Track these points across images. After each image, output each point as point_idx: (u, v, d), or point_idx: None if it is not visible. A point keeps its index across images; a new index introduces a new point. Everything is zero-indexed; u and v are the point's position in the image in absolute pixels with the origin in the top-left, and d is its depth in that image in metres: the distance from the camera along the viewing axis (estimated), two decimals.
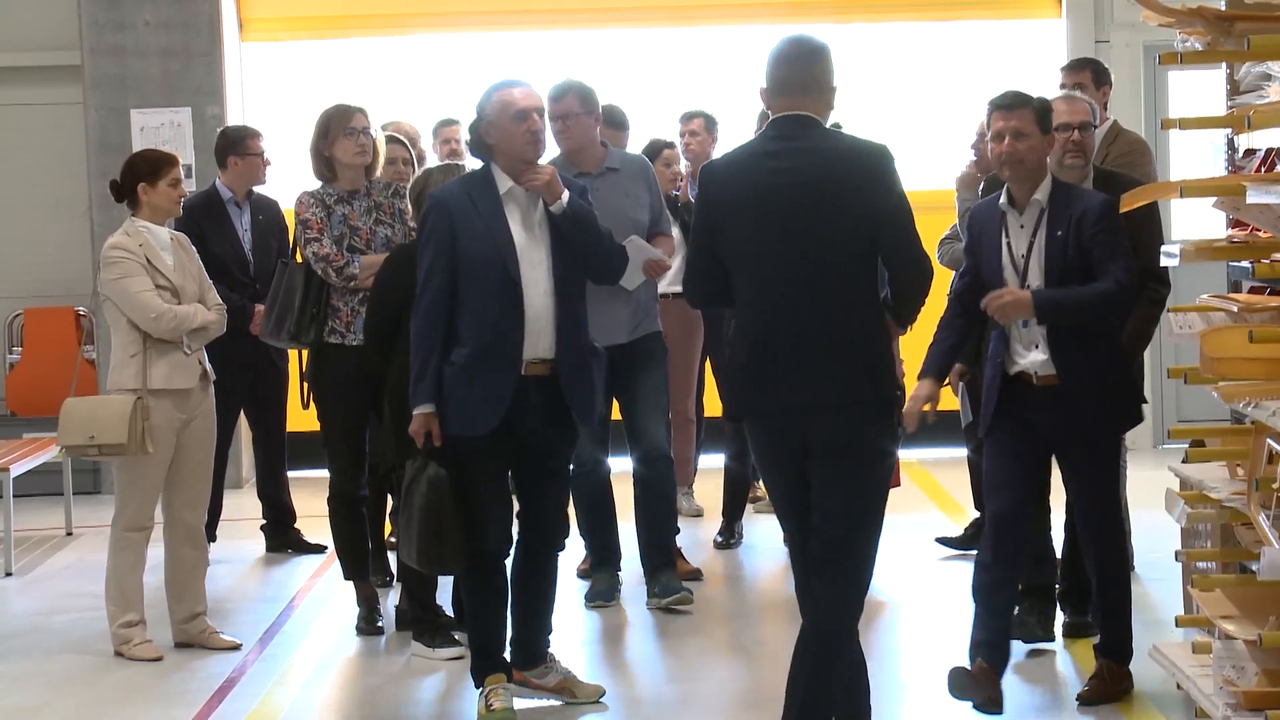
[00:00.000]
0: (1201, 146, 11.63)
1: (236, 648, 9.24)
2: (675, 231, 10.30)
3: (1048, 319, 7.28)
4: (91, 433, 9.01)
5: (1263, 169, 6.62)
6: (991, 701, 7.25)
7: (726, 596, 10.40)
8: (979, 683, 7.25)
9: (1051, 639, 8.55)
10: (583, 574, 10.40)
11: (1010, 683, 7.54)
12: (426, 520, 7.43)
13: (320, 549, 11.75)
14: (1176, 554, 7.18)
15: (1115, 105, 15.14)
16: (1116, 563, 7.59)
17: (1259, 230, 6.56)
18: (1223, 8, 6.60)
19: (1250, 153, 6.92)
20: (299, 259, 9.51)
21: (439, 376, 7.47)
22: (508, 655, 7.89)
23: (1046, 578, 8.94)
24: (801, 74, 6.59)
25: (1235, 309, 6.46)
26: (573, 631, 9.24)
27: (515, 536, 7.89)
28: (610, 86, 11.25)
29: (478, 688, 7.73)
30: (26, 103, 15.43)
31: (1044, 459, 7.81)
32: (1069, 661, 8.34)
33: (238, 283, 11.13)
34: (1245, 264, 6.66)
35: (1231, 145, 7.30)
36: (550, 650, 8.04)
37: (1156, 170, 11.24)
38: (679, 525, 10.46)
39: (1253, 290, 6.80)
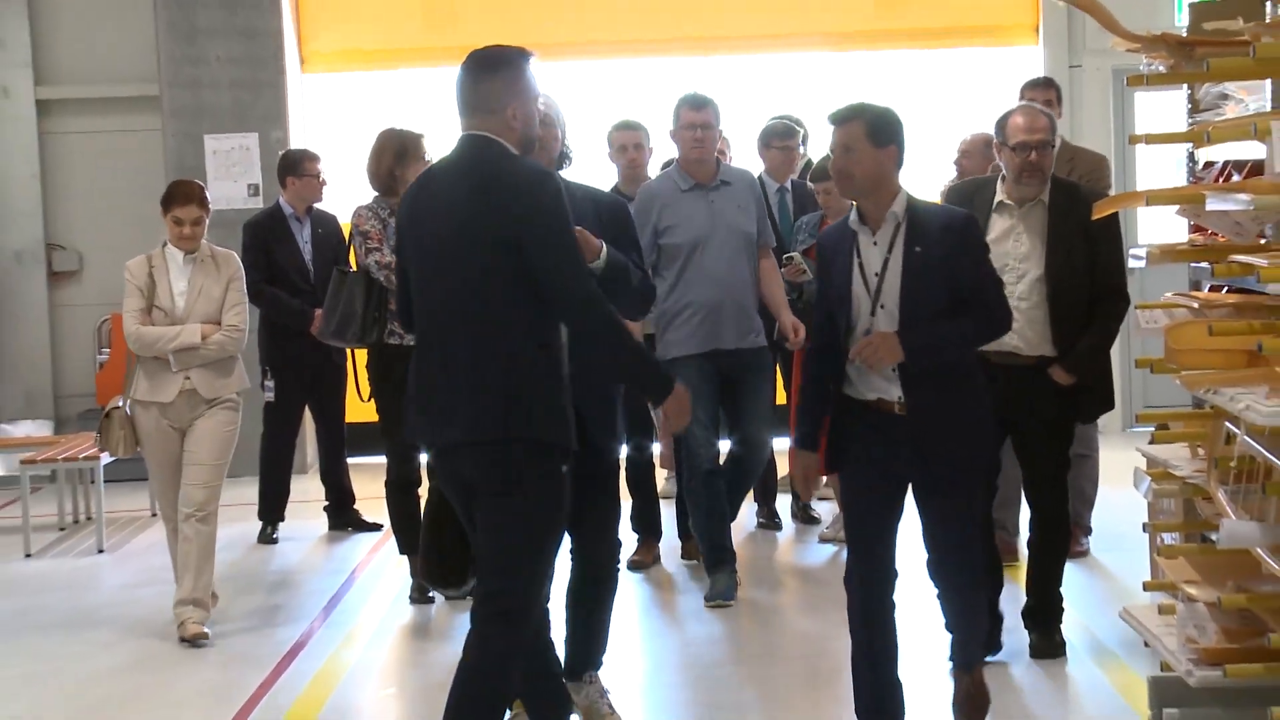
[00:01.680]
0: (1165, 160, 11.60)
1: (204, 637, 8.90)
2: None
3: (919, 361, 6.22)
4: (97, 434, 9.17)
5: (1220, 179, 6.60)
6: None
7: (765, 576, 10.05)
8: None
9: (996, 651, 7.81)
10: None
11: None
12: (428, 537, 6.58)
13: (377, 527, 11.74)
14: (1144, 526, 7.16)
15: (1088, 124, 15.21)
16: (969, 588, 6.67)
17: (1217, 235, 6.56)
18: (1184, 35, 6.59)
19: (1209, 165, 6.91)
20: (354, 267, 9.48)
21: None
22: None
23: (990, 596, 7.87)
24: (467, 93, 6.01)
25: (1196, 306, 6.46)
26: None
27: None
28: (634, 110, 11.25)
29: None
30: (112, 130, 15.46)
31: (899, 492, 6.52)
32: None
33: (299, 289, 11.17)
34: (1205, 265, 6.64)
35: (1192, 159, 7.27)
36: (594, 671, 7.18)
37: (1115, 184, 11.32)
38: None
39: (1212, 289, 6.78)
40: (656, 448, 10.68)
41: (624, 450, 9.13)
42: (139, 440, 8.98)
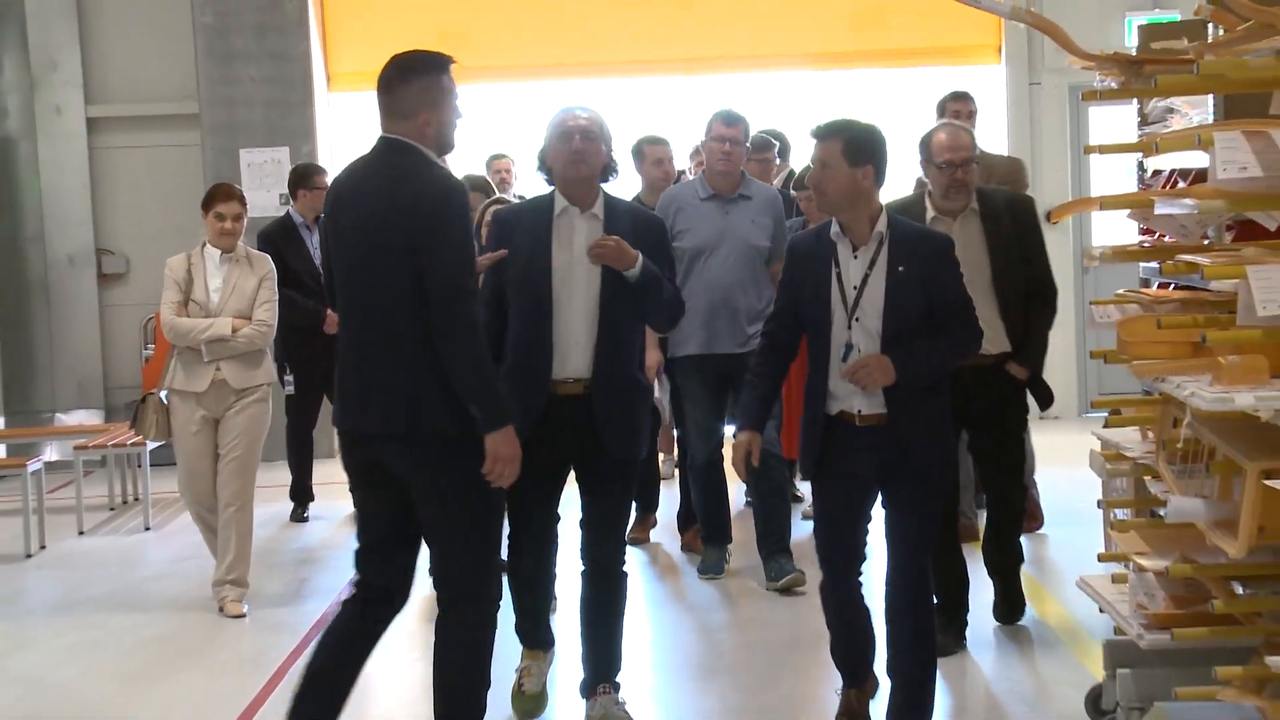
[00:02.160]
0: (1117, 169, 11.58)
1: (242, 614, 8.91)
2: None
3: (907, 379, 5.89)
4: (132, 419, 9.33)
5: (1167, 186, 6.59)
6: None
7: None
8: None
9: (962, 648, 7.64)
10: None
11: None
12: None
13: None
14: (1099, 502, 7.15)
15: (1046, 136, 15.22)
16: (925, 627, 6.24)
17: (1164, 236, 6.55)
18: (1134, 54, 6.58)
19: (1157, 173, 6.88)
20: None
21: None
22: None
23: (957, 591, 7.80)
24: (383, 97, 5.83)
25: (1146, 302, 6.46)
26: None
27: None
28: (630, 124, 11.22)
29: (523, 653, 6.96)
30: (156, 145, 15.45)
31: (870, 499, 6.25)
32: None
33: (311, 292, 11.10)
34: (1154, 264, 6.64)
35: (1142, 167, 7.25)
36: (609, 684, 6.64)
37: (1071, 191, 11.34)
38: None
39: (1160, 286, 6.78)
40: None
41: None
42: (171, 427, 8.98)
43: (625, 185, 9.63)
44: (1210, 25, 5.90)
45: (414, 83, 5.74)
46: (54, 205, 15.81)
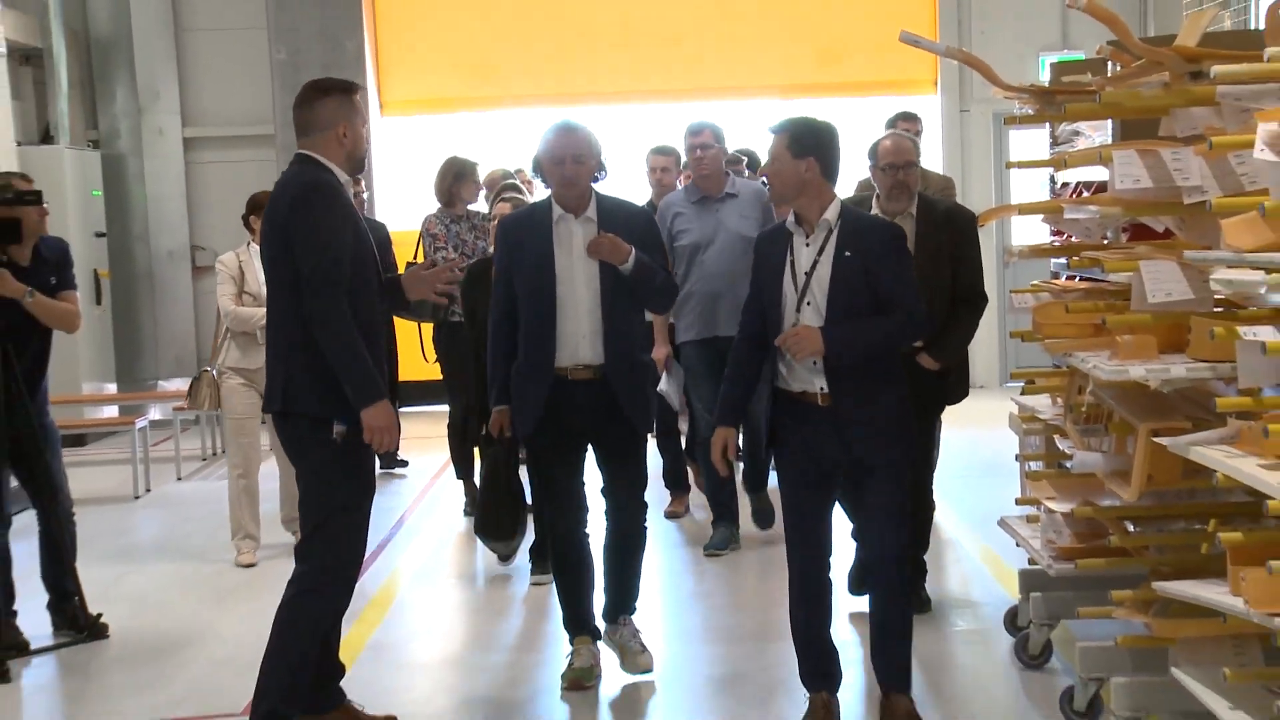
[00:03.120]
0: (1033, 182, 11.57)
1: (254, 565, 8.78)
2: None
3: (835, 358, 5.33)
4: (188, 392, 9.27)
5: (1074, 195, 6.59)
6: None
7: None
8: None
9: (927, 610, 7.12)
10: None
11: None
12: (485, 492, 6.42)
13: (404, 463, 11.86)
14: (1016, 456, 7.16)
15: (975, 155, 15.20)
16: (902, 599, 5.64)
17: (1072, 237, 6.56)
18: (1047, 86, 6.58)
19: (1066, 185, 6.88)
20: (420, 260, 9.62)
21: (507, 380, 6.20)
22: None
23: (916, 549, 7.07)
24: (297, 115, 5.49)
25: (1056, 291, 6.49)
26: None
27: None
28: (638, 143, 11.18)
29: (571, 638, 6.40)
30: (238, 160, 15.41)
31: (835, 474, 5.60)
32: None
33: None
34: (1063, 260, 6.66)
35: (1053, 180, 7.26)
36: (627, 615, 6.47)
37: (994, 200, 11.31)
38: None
39: (1068, 278, 6.80)
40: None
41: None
42: (220, 399, 8.91)
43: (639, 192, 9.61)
44: (1110, 63, 5.90)
45: (331, 98, 5.44)
46: (156, 210, 15.81)
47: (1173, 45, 5.29)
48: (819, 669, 5.64)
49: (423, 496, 10.84)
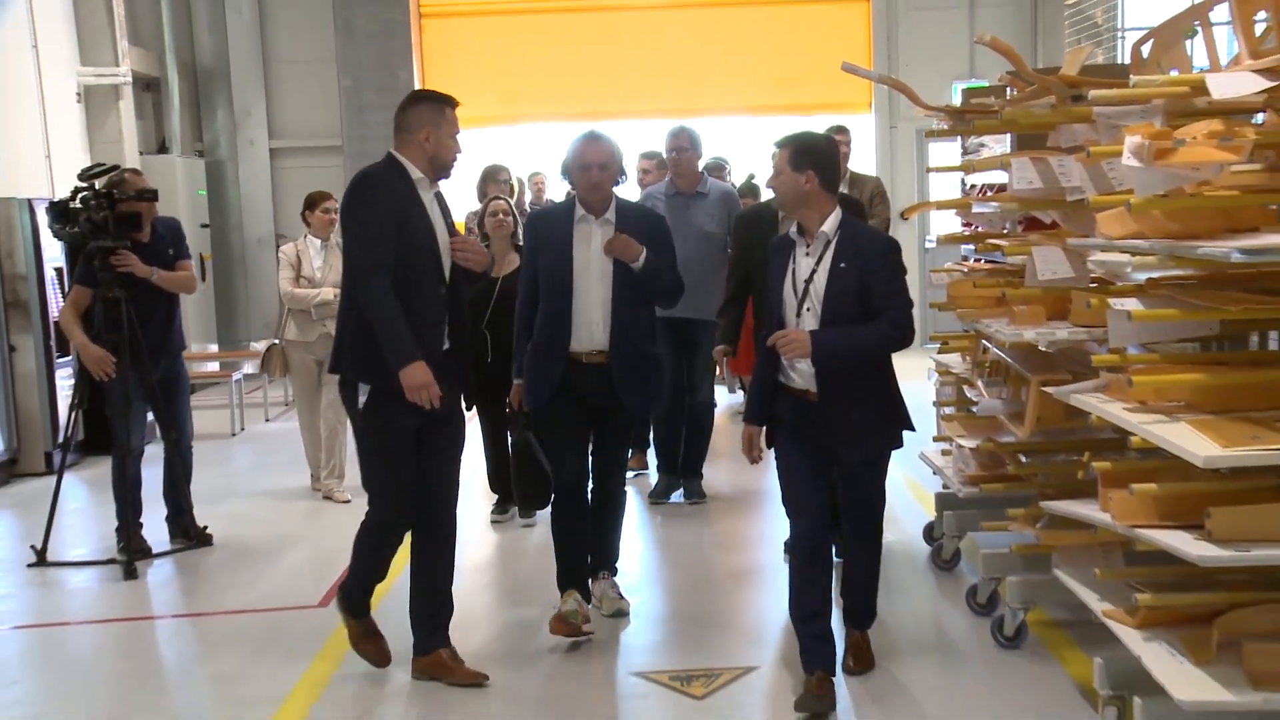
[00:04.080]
0: (949, 184, 11.50)
1: (347, 502, 8.28)
2: None
3: (822, 363, 4.67)
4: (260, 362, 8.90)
5: (981, 194, 6.60)
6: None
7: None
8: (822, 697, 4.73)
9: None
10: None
11: None
12: (517, 467, 5.64)
13: None
14: (934, 402, 7.17)
15: (902, 163, 15.17)
16: (873, 555, 5.07)
17: (979, 227, 6.57)
18: (959, 106, 6.57)
19: (974, 186, 6.89)
20: None
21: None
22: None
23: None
24: (396, 119, 5.11)
25: (966, 271, 6.50)
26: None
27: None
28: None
29: (560, 592, 5.70)
30: (313, 166, 15.30)
31: (823, 466, 4.91)
32: None
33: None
34: (971, 246, 6.68)
35: (964, 182, 7.23)
36: (607, 571, 5.93)
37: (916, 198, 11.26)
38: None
39: (976, 260, 6.81)
40: None
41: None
42: (288, 366, 8.71)
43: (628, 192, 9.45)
44: (1008, 88, 5.90)
45: (422, 106, 5.03)
46: (248, 206, 15.82)
47: (1058, 75, 5.30)
48: (816, 649, 4.83)
49: None
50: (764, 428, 4.96)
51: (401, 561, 5.24)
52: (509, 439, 5.91)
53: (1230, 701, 3.82)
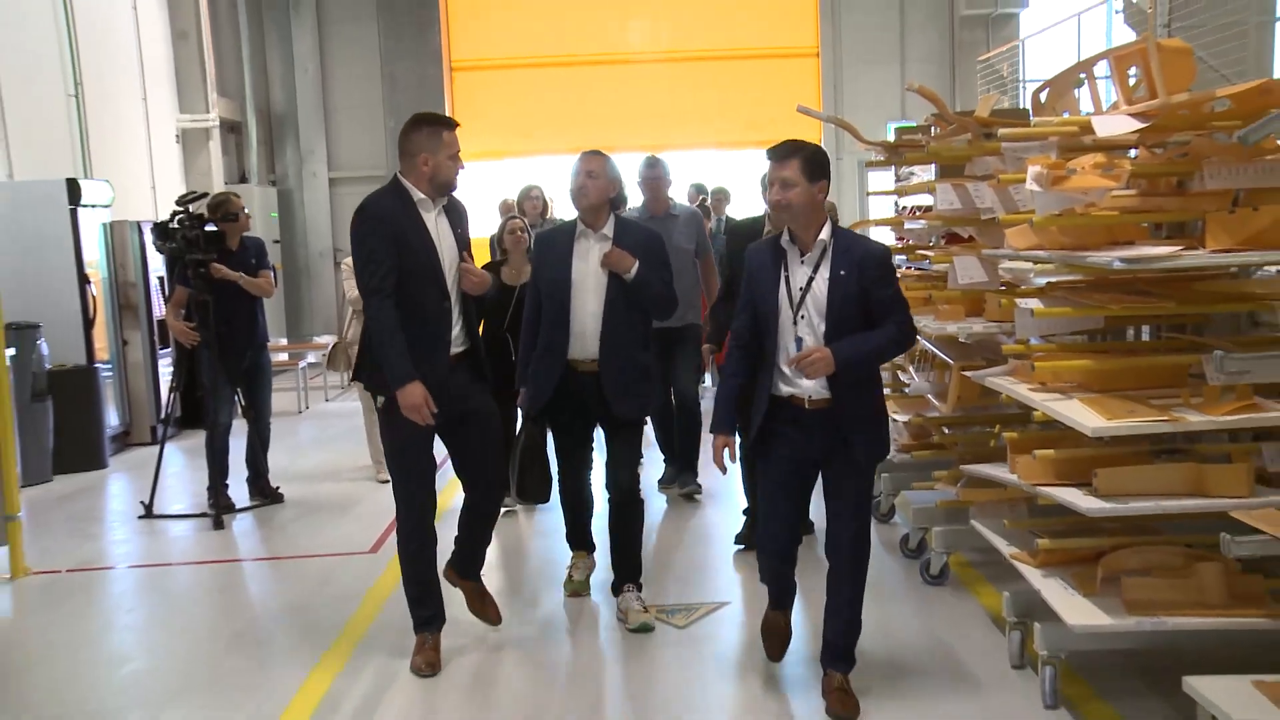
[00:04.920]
0: (884, 205, 11.49)
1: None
2: None
3: (846, 371, 3.94)
4: (325, 359, 8.40)
5: (911, 213, 6.59)
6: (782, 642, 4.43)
7: None
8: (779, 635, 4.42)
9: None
10: None
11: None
12: (521, 460, 5.07)
13: None
14: None
15: (846, 189, 15.11)
16: (859, 579, 4.10)
17: (909, 240, 6.57)
18: (893, 142, 6.57)
19: (905, 207, 6.88)
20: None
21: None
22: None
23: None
24: (398, 143, 4.59)
25: (899, 276, 6.48)
26: None
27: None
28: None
29: (571, 550, 5.45)
30: (362, 192, 15.05)
31: (812, 474, 4.14)
32: None
33: None
34: (903, 256, 6.66)
35: (897, 204, 7.22)
36: (633, 584, 5.08)
37: (858, 218, 11.22)
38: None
39: (907, 268, 6.79)
40: None
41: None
42: (350, 363, 8.59)
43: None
44: (933, 127, 5.89)
45: (421, 131, 4.46)
46: (311, 226, 15.73)
47: (973, 116, 5.30)
48: (779, 598, 4.38)
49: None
50: (733, 437, 4.15)
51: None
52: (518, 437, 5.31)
53: (1110, 624, 3.84)
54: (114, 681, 4.64)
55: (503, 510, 6.62)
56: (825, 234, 4.04)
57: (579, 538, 5.42)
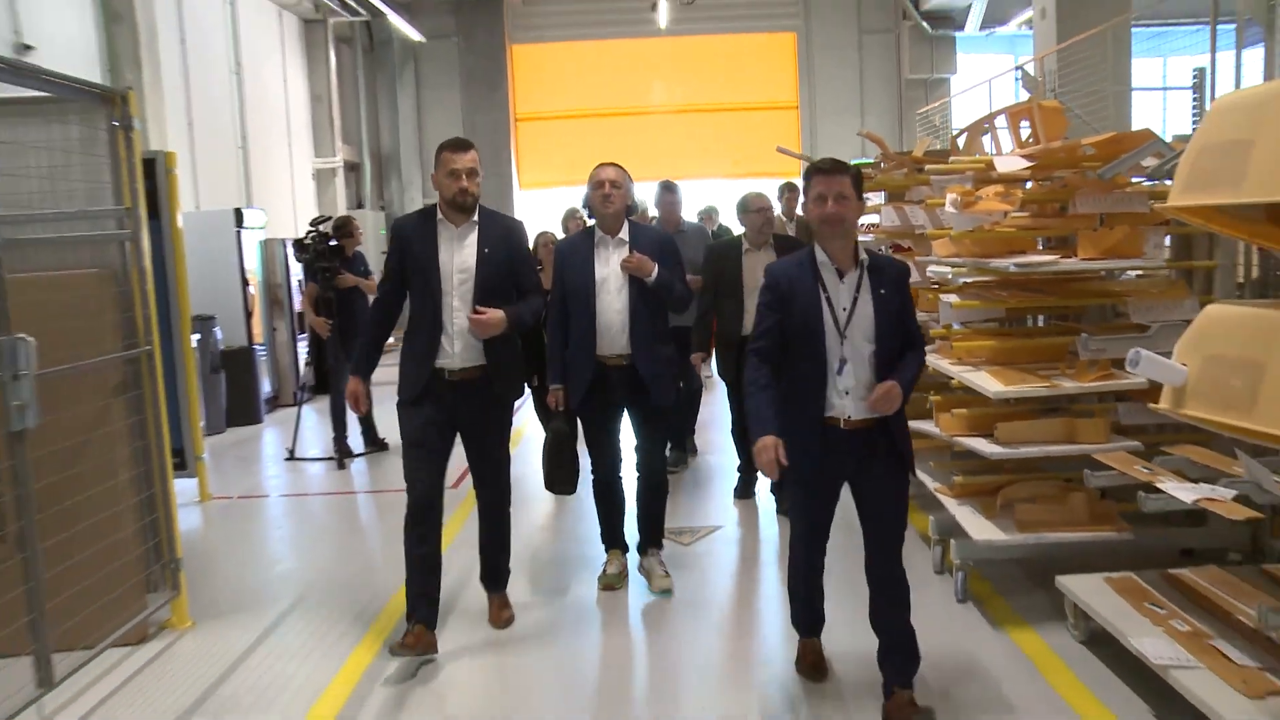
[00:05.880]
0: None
1: None
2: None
3: (906, 399, 3.02)
4: None
5: (863, 230, 6.59)
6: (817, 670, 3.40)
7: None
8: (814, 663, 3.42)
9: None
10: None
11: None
12: (549, 457, 4.28)
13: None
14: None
15: None
16: (905, 593, 3.12)
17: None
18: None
19: (860, 225, 6.84)
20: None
21: (563, 365, 4.21)
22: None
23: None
24: None
25: None
26: None
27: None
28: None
29: (605, 550, 4.49)
30: None
31: (838, 489, 3.16)
32: None
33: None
34: None
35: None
36: (655, 547, 4.42)
37: None
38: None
39: None
40: None
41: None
42: None
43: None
44: (881, 163, 5.91)
45: (437, 155, 3.73)
46: None
47: (910, 155, 5.31)
48: (809, 621, 3.45)
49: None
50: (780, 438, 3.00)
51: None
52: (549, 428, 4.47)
53: (1005, 539, 3.88)
54: (270, 575, 4.80)
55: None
56: (862, 252, 3.08)
57: (613, 537, 4.46)
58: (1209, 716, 2.74)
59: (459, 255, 3.73)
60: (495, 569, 4.03)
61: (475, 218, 3.75)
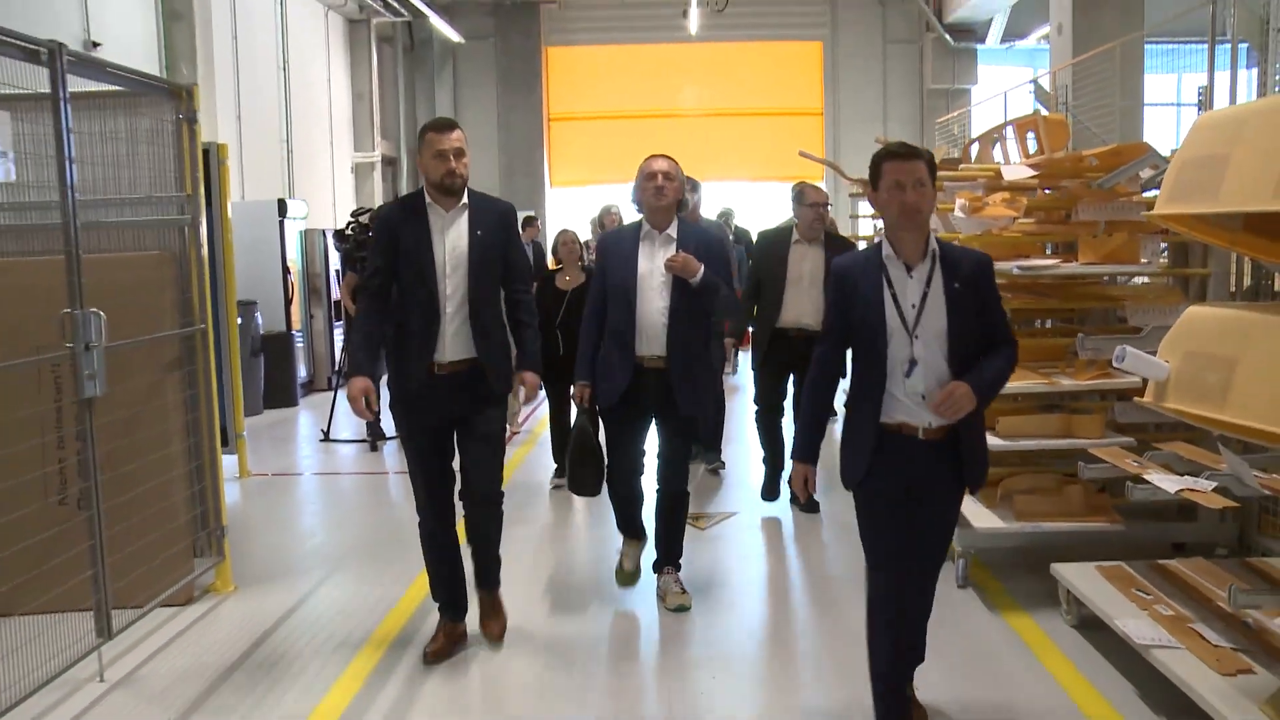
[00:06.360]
0: (865, 226, 11.47)
1: (516, 433, 6.96)
2: None
3: (983, 404, 2.60)
4: None
5: (881, 233, 6.61)
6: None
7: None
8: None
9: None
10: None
11: None
12: (574, 455, 3.94)
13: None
14: None
15: (840, 213, 14.83)
16: (930, 596, 2.86)
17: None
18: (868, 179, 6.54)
19: (878, 227, 6.87)
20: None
21: (593, 362, 3.83)
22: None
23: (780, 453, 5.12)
24: None
25: None
26: None
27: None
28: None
29: (623, 537, 4.14)
30: None
31: (909, 497, 2.66)
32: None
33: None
34: None
35: (874, 226, 7.20)
36: (672, 566, 4.05)
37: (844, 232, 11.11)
38: None
39: None
40: None
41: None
42: None
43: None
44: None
45: (420, 138, 3.44)
46: None
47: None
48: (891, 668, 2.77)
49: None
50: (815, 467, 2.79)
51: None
52: (572, 423, 4.21)
53: (1004, 528, 3.97)
54: (304, 549, 4.95)
55: (551, 486, 5.78)
56: (933, 243, 2.65)
57: (629, 526, 4.10)
58: (1184, 691, 2.84)
59: (451, 240, 3.38)
60: (486, 566, 3.66)
61: (465, 200, 3.41)
